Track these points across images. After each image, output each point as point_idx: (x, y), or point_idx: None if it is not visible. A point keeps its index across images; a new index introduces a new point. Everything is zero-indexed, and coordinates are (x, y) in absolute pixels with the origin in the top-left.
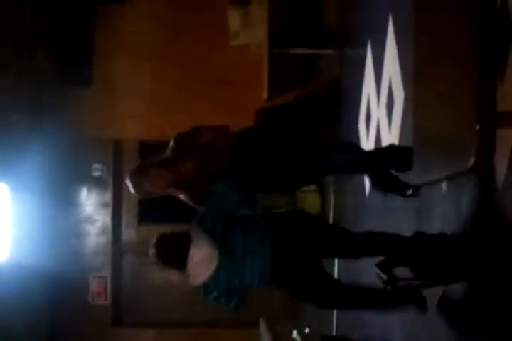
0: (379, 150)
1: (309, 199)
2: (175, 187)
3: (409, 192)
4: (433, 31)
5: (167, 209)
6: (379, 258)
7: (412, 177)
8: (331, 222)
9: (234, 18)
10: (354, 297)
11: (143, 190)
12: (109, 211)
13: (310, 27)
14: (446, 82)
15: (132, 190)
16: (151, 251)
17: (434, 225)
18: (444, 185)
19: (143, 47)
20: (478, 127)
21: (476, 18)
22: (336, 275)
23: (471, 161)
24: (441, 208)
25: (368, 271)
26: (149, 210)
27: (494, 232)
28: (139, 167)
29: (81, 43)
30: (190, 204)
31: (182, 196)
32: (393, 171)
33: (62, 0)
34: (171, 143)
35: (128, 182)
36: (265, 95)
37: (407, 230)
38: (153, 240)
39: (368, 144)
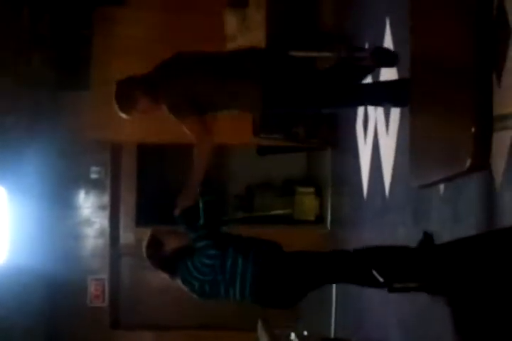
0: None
1: (306, 201)
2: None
3: None
4: (430, 35)
5: (165, 211)
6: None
7: (409, 179)
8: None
9: (231, 21)
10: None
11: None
12: (106, 213)
13: (307, 30)
14: (443, 85)
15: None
16: (144, 253)
17: (431, 228)
18: (441, 188)
19: (140, 50)
20: (474, 130)
21: (473, 21)
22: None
23: (468, 163)
24: (439, 210)
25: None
26: (147, 213)
27: (492, 233)
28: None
29: (79, 46)
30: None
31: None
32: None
33: (61, 4)
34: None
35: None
36: None
37: (403, 232)
38: (145, 242)
39: (365, 146)
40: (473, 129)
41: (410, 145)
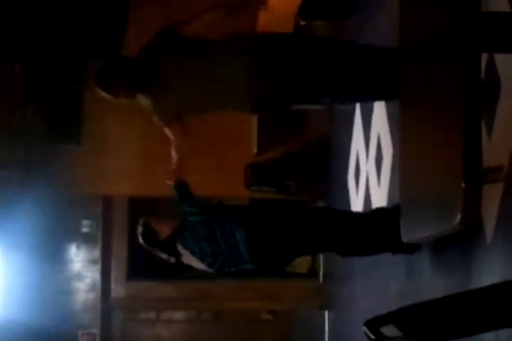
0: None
1: None
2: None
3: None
4: (419, 88)
5: (156, 265)
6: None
7: (401, 234)
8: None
9: None
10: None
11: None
12: (98, 267)
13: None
14: (432, 139)
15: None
16: (141, 242)
17: (423, 281)
18: (432, 242)
19: (132, 104)
20: (463, 185)
21: (462, 73)
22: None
23: (458, 218)
24: (430, 265)
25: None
26: (138, 267)
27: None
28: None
29: (70, 101)
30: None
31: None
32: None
33: (53, 59)
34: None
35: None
36: (255, 150)
37: (396, 287)
38: (140, 232)
39: (357, 198)
40: (463, 185)
41: (400, 200)
